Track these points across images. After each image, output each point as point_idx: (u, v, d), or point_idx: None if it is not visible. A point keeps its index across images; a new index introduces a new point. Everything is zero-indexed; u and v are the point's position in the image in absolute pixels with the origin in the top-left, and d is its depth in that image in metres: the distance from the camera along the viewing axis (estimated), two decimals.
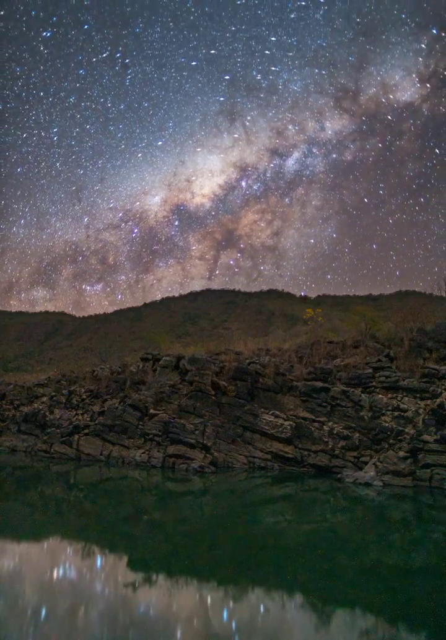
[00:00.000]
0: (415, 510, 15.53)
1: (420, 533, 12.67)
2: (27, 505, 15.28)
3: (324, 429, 22.47)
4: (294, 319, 68.11)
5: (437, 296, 35.04)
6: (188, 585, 8.34)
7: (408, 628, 6.75)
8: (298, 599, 7.87)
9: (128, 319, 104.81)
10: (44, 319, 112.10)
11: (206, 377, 24.92)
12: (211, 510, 15.23)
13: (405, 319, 27.48)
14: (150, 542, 11.14)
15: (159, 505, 15.89)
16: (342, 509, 15.30)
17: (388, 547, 10.92)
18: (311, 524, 13.46)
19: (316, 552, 10.28)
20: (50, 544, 11.26)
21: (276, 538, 11.61)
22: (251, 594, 8.08)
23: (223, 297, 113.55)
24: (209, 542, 11.26)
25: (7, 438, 28.28)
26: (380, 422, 21.25)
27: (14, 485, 18.56)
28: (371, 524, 13.49)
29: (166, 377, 26.67)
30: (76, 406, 28.91)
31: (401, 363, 23.69)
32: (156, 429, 23.72)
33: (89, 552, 10.31)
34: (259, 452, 22.70)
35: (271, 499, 17.06)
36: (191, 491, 18.14)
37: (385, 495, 17.01)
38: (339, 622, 7.00)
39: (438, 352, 23.73)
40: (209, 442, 22.85)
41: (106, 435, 24.67)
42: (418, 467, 18.56)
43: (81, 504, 15.84)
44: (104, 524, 12.96)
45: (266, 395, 24.76)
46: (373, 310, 63.77)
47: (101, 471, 21.78)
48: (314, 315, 31.44)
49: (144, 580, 8.44)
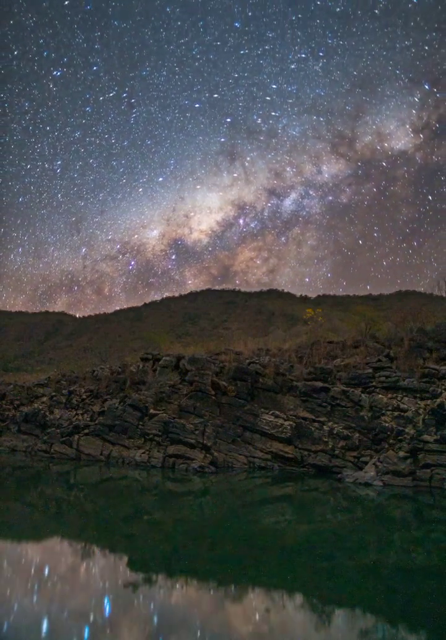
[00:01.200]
0: (415, 510, 15.53)
1: (420, 533, 12.66)
2: (27, 505, 15.28)
3: (324, 429, 22.47)
4: (294, 319, 68.11)
5: (437, 296, 35.10)
6: (188, 585, 8.33)
7: (408, 628, 6.75)
8: (298, 599, 7.86)
9: (128, 319, 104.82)
10: (44, 319, 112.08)
11: (206, 377, 24.92)
12: (211, 510, 15.23)
13: (405, 319, 27.50)
14: (150, 542, 11.13)
15: (159, 505, 15.89)
16: (342, 509, 15.30)
17: (388, 547, 10.92)
18: (311, 524, 13.46)
19: (316, 552, 10.28)
20: (50, 544, 11.25)
21: (276, 538, 11.61)
22: (251, 594, 8.07)
23: (223, 297, 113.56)
24: (209, 542, 11.26)
25: (7, 438, 28.28)
26: (380, 422, 21.25)
27: (14, 485, 18.56)
28: (371, 524, 13.49)
29: (166, 377, 26.67)
30: (75, 406, 28.90)
31: (401, 363, 23.69)
32: (156, 429, 23.72)
33: (89, 552, 10.31)
34: (259, 452, 22.70)
35: (271, 499, 17.05)
36: (191, 491, 18.14)
37: (385, 495, 17.01)
38: (339, 622, 6.99)
39: (438, 352, 23.73)
40: (209, 442, 22.84)
41: (106, 435, 24.67)
42: (418, 467, 18.56)
43: (80, 504, 15.83)
44: (104, 524, 12.95)
45: (266, 395, 24.76)
46: (373, 310, 63.79)
47: (101, 471, 21.78)
48: (314, 315, 31.47)
49: (144, 580, 8.44)
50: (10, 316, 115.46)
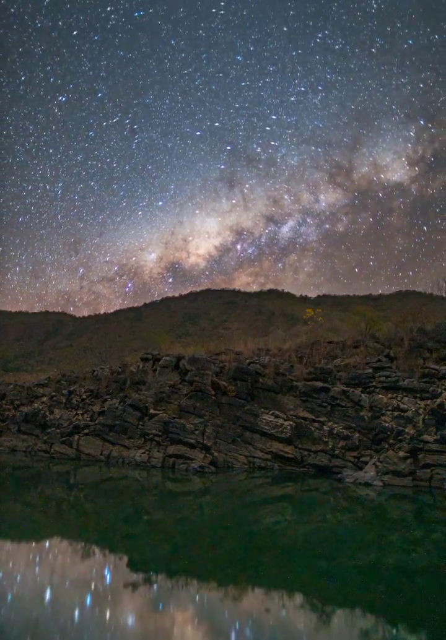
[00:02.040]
0: (415, 510, 15.53)
1: (420, 533, 12.66)
2: (27, 505, 15.27)
3: (324, 429, 22.47)
4: (294, 319, 68.11)
5: (437, 296, 35.08)
6: (188, 585, 8.33)
7: (408, 628, 6.75)
8: (298, 599, 7.86)
9: (128, 319, 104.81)
10: (44, 319, 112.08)
11: (206, 377, 24.92)
12: (211, 510, 15.23)
13: (405, 319, 27.48)
14: (150, 542, 11.13)
15: (159, 505, 15.89)
16: (342, 509, 15.29)
17: (388, 547, 10.91)
18: (311, 524, 13.46)
19: (316, 552, 10.28)
20: (50, 544, 11.25)
21: (276, 538, 11.60)
22: (251, 594, 8.07)
23: (223, 297, 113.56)
24: (209, 542, 11.26)
25: (7, 438, 28.28)
26: (380, 422, 21.25)
27: (14, 485, 18.56)
28: (371, 524, 13.49)
29: (166, 377, 26.67)
30: (76, 406, 28.90)
31: (401, 363, 23.69)
32: (156, 429, 23.72)
33: (89, 552, 10.31)
34: (259, 452, 22.70)
35: (271, 499, 17.05)
36: (191, 491, 18.14)
37: (385, 495, 17.01)
38: (339, 622, 6.99)
39: (438, 352, 23.72)
40: (209, 442, 22.84)
41: (106, 435, 24.67)
42: (418, 467, 18.56)
43: (81, 504, 15.83)
44: (104, 524, 12.95)
45: (266, 395, 24.76)
46: (373, 310, 63.61)
47: (101, 471, 21.77)
48: (314, 315, 31.46)
49: (144, 580, 8.44)
50: (10, 316, 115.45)
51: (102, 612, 7.02)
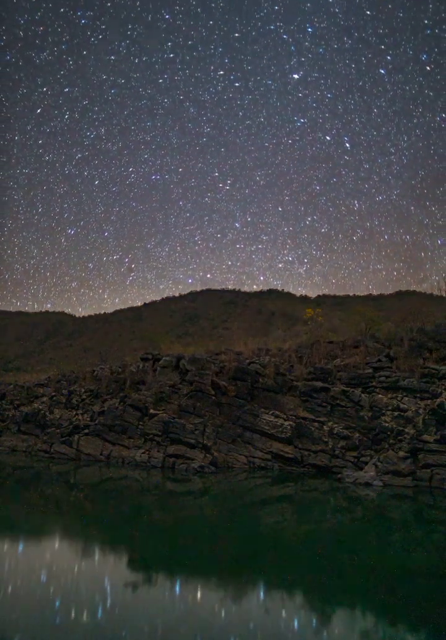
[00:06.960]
0: (415, 510, 15.53)
1: (420, 533, 12.66)
2: (27, 505, 15.26)
3: (324, 429, 22.47)
4: (294, 319, 68.00)
5: (437, 296, 35.07)
6: (188, 584, 8.34)
7: (408, 628, 6.75)
8: (298, 598, 7.86)
9: (128, 319, 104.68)
10: (44, 319, 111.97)
11: (206, 377, 24.92)
12: (211, 510, 15.22)
13: (405, 319, 27.48)
14: (150, 542, 11.13)
15: (159, 505, 15.89)
16: (342, 509, 15.30)
17: (388, 547, 10.91)
18: (311, 524, 13.46)
19: (316, 551, 10.28)
20: (50, 544, 11.25)
21: (276, 538, 11.61)
22: (251, 594, 8.07)
23: (223, 297, 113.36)
24: (209, 542, 11.26)
25: (7, 438, 28.27)
26: (380, 422, 21.25)
27: (14, 485, 18.55)
28: (371, 524, 13.49)
29: (166, 377, 26.66)
30: (76, 406, 28.90)
31: (401, 363, 23.68)
32: (156, 429, 23.71)
33: (89, 552, 10.31)
34: (259, 452, 22.70)
35: (271, 499, 17.05)
36: (191, 491, 18.14)
37: (384, 495, 17.00)
38: (340, 622, 7.00)
39: (438, 352, 23.72)
40: (209, 442, 22.84)
41: (106, 435, 24.67)
42: (418, 467, 18.57)
43: (81, 504, 15.83)
44: (104, 524, 12.95)
45: (266, 395, 24.75)
46: (373, 310, 63.55)
47: (101, 471, 21.76)
48: (314, 315, 31.46)
49: (144, 580, 8.45)
50: (10, 316, 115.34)
51: (103, 611, 7.01)
